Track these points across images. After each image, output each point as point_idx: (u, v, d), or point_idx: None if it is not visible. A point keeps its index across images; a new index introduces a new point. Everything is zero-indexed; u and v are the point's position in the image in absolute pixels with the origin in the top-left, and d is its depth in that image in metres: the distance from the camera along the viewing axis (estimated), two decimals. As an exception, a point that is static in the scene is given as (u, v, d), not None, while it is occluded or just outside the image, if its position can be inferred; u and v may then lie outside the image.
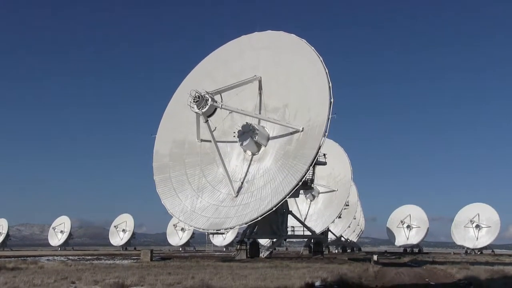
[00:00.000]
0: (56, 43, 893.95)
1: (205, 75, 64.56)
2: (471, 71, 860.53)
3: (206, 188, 60.89)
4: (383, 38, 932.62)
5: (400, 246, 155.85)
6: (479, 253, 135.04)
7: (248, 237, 64.83)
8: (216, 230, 58.84)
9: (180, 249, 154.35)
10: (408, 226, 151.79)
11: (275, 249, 72.99)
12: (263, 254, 66.64)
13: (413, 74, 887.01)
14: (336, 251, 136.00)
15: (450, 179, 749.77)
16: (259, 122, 61.84)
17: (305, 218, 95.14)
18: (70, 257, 70.26)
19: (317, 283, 28.53)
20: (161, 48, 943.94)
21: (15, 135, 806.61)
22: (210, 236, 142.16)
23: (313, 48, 57.69)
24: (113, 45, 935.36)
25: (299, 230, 74.79)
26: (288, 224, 69.78)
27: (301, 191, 71.69)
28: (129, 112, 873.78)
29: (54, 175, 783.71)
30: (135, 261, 58.75)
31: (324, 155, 65.65)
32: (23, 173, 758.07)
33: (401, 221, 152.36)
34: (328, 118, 53.28)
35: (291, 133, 58.05)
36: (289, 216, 69.07)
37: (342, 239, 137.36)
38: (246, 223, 56.15)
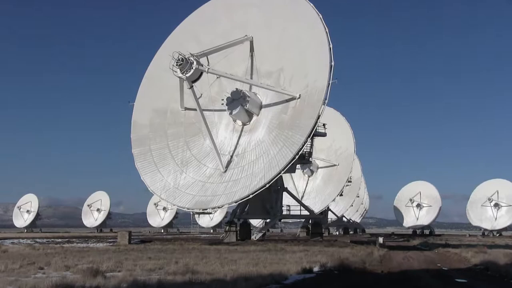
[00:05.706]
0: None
1: (189, 35, 64.07)
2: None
3: (191, 163, 60.96)
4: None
5: (409, 228, 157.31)
6: (498, 235, 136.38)
7: (238, 217, 65.20)
8: (202, 210, 59.01)
9: (162, 231, 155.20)
10: (418, 205, 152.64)
11: (268, 230, 73.38)
12: (255, 236, 67.08)
13: (423, 34, 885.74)
14: (337, 233, 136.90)
15: (465, 152, 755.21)
16: (250, 88, 61.70)
17: (302, 196, 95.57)
18: (38, 240, 70.56)
19: (316, 269, 28.81)
20: (140, 6, 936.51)
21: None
22: (196, 216, 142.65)
23: (311, 4, 57.22)
24: (85, 4, 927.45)
25: (296, 210, 75.06)
26: (283, 203, 70.15)
27: (298, 166, 71.96)
28: (104, 77, 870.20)
29: (19, 149, 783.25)
30: (111, 244, 59.12)
31: (324, 125, 65.83)
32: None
33: (410, 200, 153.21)
34: (329, 83, 53.10)
35: (287, 101, 57.96)
36: (285, 194, 69.39)
37: (344, 219, 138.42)
38: (236, 202, 56.36)
